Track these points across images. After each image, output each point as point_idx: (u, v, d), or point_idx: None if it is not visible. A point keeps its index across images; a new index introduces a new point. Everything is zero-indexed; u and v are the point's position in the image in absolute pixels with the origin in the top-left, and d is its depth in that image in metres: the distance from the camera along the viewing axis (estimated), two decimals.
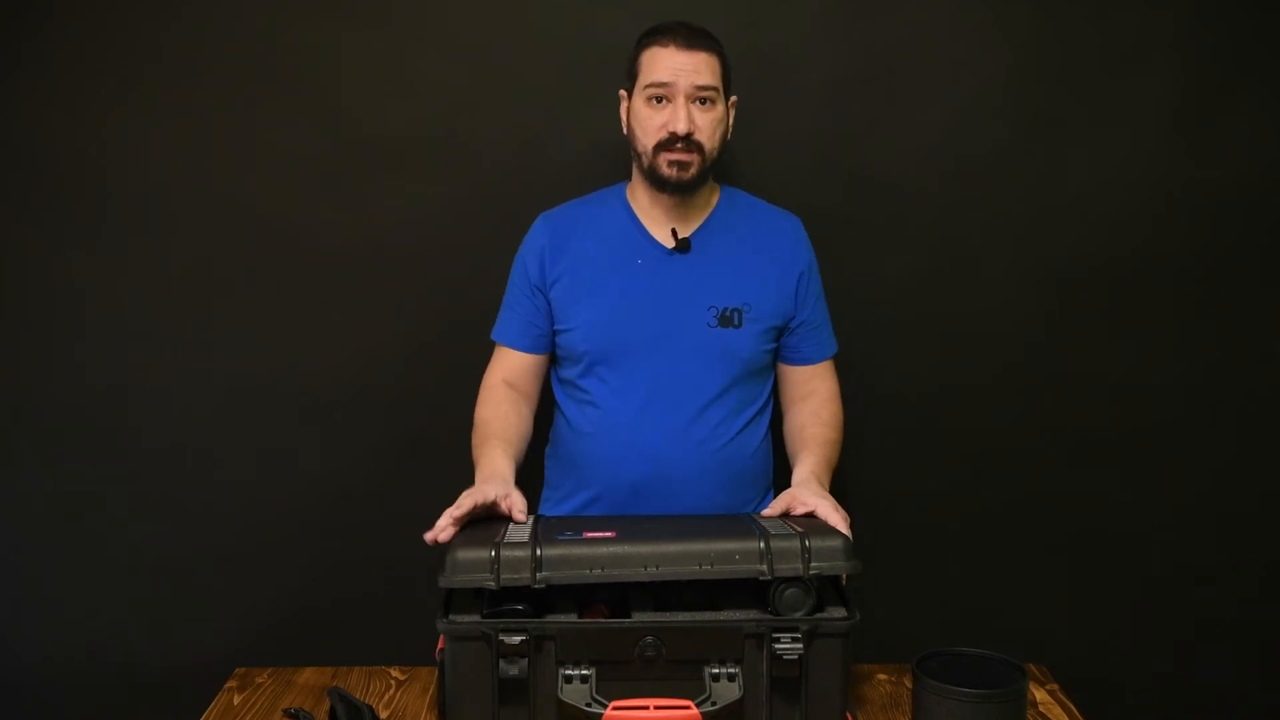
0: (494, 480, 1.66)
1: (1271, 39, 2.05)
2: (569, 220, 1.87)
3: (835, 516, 1.60)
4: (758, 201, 1.91)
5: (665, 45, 1.73)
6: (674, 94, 1.72)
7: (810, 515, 1.62)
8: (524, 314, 1.86)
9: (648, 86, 1.74)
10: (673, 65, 1.72)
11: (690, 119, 1.72)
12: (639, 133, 1.77)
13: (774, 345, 1.86)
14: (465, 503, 1.57)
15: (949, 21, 2.05)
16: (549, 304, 1.84)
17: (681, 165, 1.74)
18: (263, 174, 2.07)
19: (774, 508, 1.67)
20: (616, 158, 1.92)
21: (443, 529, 1.52)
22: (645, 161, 1.77)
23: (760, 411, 1.87)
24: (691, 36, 1.73)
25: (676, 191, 1.78)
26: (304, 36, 2.04)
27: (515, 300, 1.87)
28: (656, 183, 1.78)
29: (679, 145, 1.73)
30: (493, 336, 1.89)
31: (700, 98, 1.73)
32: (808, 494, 1.66)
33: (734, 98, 1.81)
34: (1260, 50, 2.05)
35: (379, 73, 2.05)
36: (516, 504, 1.63)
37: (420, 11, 2.04)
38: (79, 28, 2.02)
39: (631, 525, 1.56)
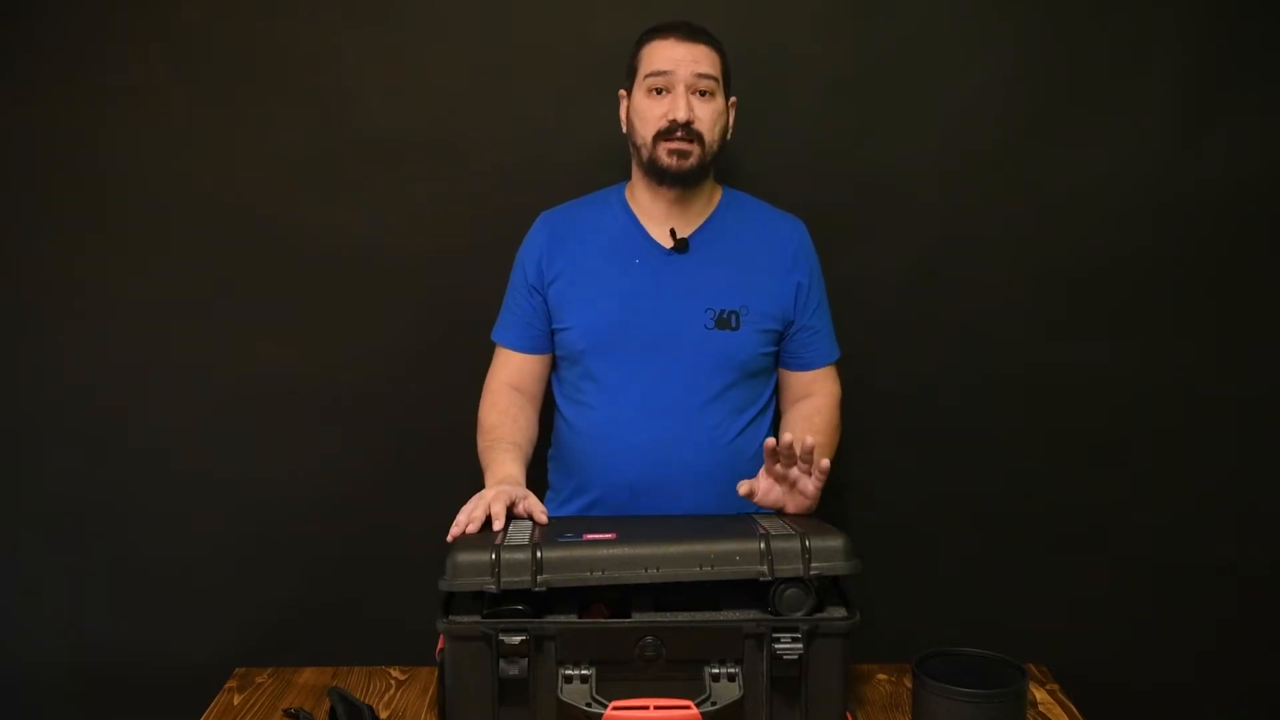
0: (507, 485, 1.67)
1: (1272, 39, 2.05)
2: (568, 220, 1.87)
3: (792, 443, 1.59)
4: (760, 204, 1.91)
5: (666, 38, 1.75)
6: (674, 84, 1.73)
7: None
8: (523, 315, 1.86)
9: (648, 77, 1.74)
10: (673, 56, 1.73)
11: (690, 108, 1.73)
12: (638, 124, 1.77)
13: (773, 348, 1.86)
14: (499, 509, 1.58)
15: (949, 21, 2.05)
16: (547, 304, 1.84)
17: (681, 154, 1.74)
18: (262, 174, 2.07)
19: (742, 487, 1.66)
20: (617, 159, 1.92)
21: (475, 530, 1.56)
22: (645, 154, 1.77)
23: (761, 413, 1.87)
24: (692, 30, 1.75)
25: (676, 183, 1.78)
26: (304, 36, 2.04)
27: (514, 301, 1.87)
28: (656, 174, 1.78)
29: (679, 134, 1.73)
30: (493, 338, 1.89)
31: (700, 89, 1.73)
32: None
33: (734, 99, 1.81)
34: (1260, 50, 2.05)
35: (379, 73, 2.05)
36: (535, 507, 1.64)
37: (420, 11, 2.04)
38: (77, 27, 2.02)
39: (631, 527, 1.57)
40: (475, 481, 1.74)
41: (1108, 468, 2.16)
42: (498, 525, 1.57)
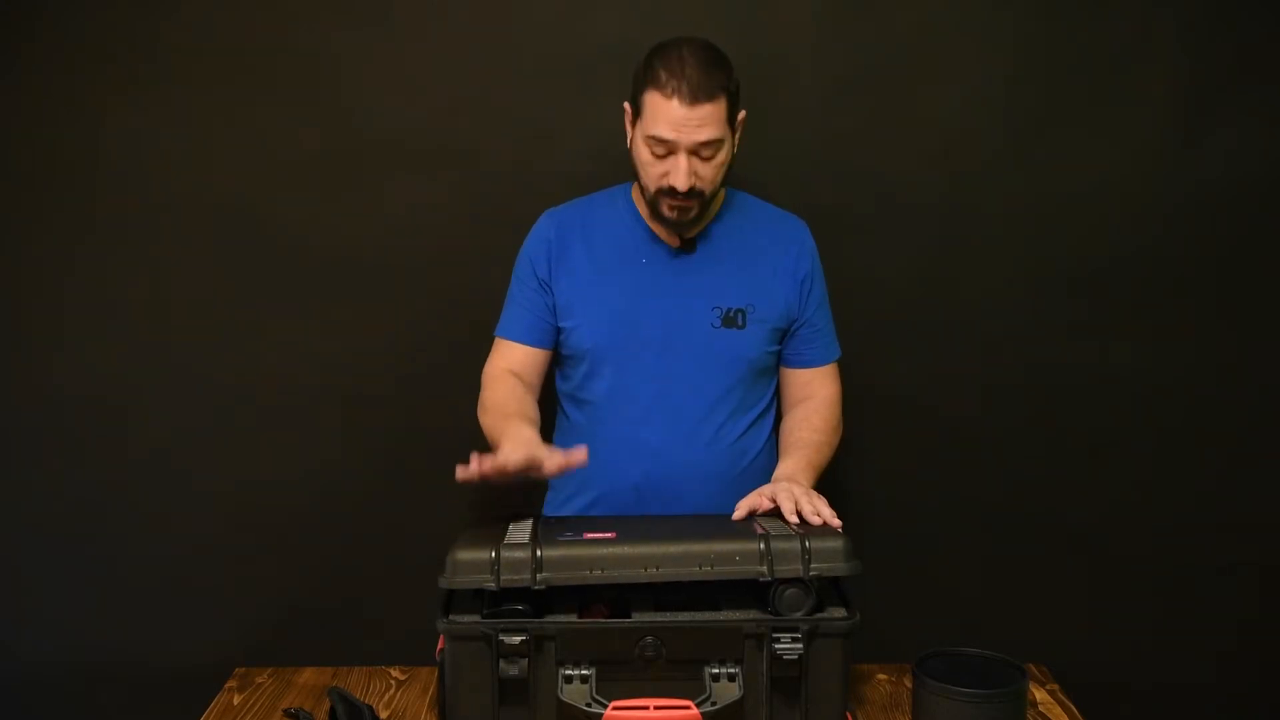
0: (530, 443, 1.63)
1: (1273, 39, 2.05)
2: (574, 217, 1.87)
3: (786, 503, 1.59)
4: (763, 204, 1.91)
5: (669, 98, 1.64)
6: (675, 149, 1.68)
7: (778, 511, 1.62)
8: (530, 308, 1.84)
9: (649, 137, 1.69)
10: (675, 120, 1.65)
11: (691, 173, 1.68)
12: (640, 169, 1.74)
13: (778, 347, 1.86)
14: (521, 455, 1.55)
15: (949, 21, 2.05)
16: (554, 298, 1.84)
17: (682, 210, 1.73)
18: (262, 174, 2.07)
19: (740, 510, 1.65)
20: (617, 159, 1.91)
21: (491, 470, 1.54)
22: (647, 195, 1.76)
23: (764, 413, 1.87)
24: (696, 90, 1.64)
25: (676, 229, 1.78)
26: (304, 36, 2.04)
27: (521, 295, 1.86)
28: (657, 218, 1.77)
29: (681, 196, 1.70)
30: (497, 333, 1.88)
31: (703, 155, 1.68)
32: (771, 487, 1.65)
33: (743, 113, 1.76)
34: (1262, 50, 2.05)
35: (379, 73, 2.05)
36: (566, 460, 1.60)
37: (420, 11, 2.04)
38: (76, 26, 2.02)
39: (632, 526, 1.57)
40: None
41: (1108, 468, 2.16)
42: (511, 459, 1.54)
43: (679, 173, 1.68)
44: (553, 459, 1.60)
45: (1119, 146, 2.08)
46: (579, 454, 1.61)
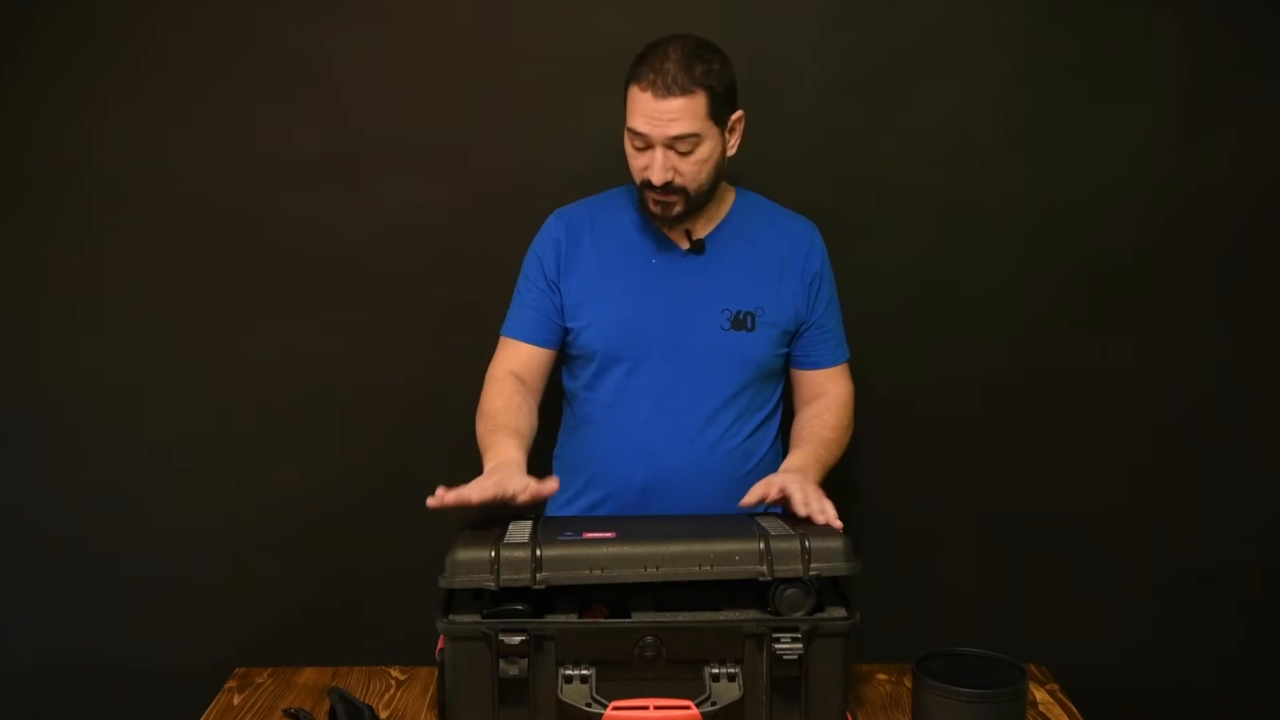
0: (508, 468, 1.64)
1: (1272, 39, 2.05)
2: (583, 218, 1.87)
3: (798, 494, 1.59)
4: (774, 205, 1.91)
5: (644, 90, 1.67)
6: (651, 143, 1.69)
7: (786, 500, 1.62)
8: (538, 308, 1.84)
9: (628, 129, 1.71)
10: (648, 114, 1.67)
11: (667, 167, 1.69)
12: (629, 162, 1.76)
13: (786, 349, 1.86)
14: (490, 490, 1.55)
15: (949, 22, 2.05)
16: (563, 298, 1.84)
17: (665, 205, 1.74)
18: (261, 174, 2.07)
19: (751, 496, 1.64)
20: (619, 159, 1.91)
21: (454, 501, 1.53)
22: (637, 189, 1.77)
23: (770, 415, 1.87)
24: (670, 84, 1.65)
25: (663, 225, 1.79)
26: (303, 36, 2.04)
27: (528, 294, 1.85)
28: (645, 213, 1.79)
29: (658, 190, 1.71)
30: (503, 332, 1.87)
31: (679, 149, 1.69)
32: (781, 477, 1.65)
33: (739, 113, 1.76)
34: (1262, 50, 2.05)
35: (379, 73, 2.05)
36: (540, 489, 1.60)
37: (420, 11, 2.04)
38: (74, 25, 2.02)
39: (632, 526, 1.56)
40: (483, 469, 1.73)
41: (1108, 468, 2.16)
42: (475, 496, 1.54)
43: (655, 166, 1.69)
44: (525, 491, 1.59)
45: (1119, 146, 2.08)
46: (550, 484, 1.62)
